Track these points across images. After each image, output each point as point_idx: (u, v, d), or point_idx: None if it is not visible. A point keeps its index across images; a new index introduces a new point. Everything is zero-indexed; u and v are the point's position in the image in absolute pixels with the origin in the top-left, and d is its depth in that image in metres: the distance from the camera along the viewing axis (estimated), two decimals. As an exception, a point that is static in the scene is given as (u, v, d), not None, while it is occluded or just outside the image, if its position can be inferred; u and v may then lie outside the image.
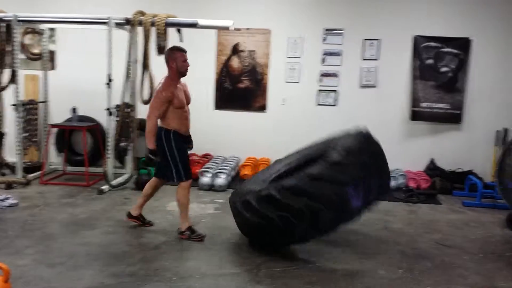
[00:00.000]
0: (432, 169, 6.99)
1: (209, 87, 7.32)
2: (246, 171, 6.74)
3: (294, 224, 3.69)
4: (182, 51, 4.32)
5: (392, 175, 6.58)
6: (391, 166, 6.94)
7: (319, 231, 3.77)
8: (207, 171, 6.29)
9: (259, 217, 3.83)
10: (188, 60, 4.34)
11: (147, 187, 4.59)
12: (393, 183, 6.44)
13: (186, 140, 4.38)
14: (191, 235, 4.32)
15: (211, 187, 6.22)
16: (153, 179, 4.58)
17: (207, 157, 7.24)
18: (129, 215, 4.66)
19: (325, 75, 7.11)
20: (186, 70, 4.34)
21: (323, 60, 7.09)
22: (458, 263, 4.07)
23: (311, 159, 4.25)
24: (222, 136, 7.34)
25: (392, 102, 7.11)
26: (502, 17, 6.78)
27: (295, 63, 7.13)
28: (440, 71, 6.96)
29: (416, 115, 7.04)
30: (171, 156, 4.23)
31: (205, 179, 6.23)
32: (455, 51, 6.89)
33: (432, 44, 6.91)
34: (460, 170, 6.87)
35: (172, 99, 4.18)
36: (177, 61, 4.26)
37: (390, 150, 6.99)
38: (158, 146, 4.23)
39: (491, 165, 6.61)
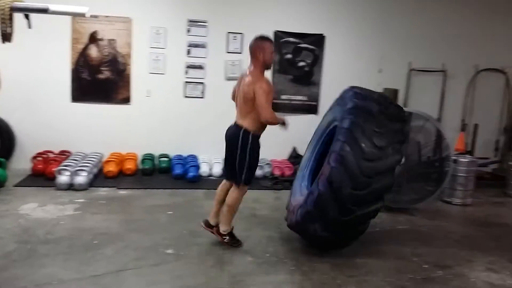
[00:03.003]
0: (295, 157, 7.39)
1: (64, 77, 6.74)
2: (111, 168, 6.38)
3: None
4: (270, 41, 3.89)
5: (259, 164, 6.81)
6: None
7: None
8: (65, 169, 5.80)
9: None
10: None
11: (220, 192, 4.16)
12: (260, 172, 6.68)
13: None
14: (231, 241, 3.99)
15: (71, 187, 5.75)
16: (225, 182, 4.16)
17: (65, 154, 6.69)
18: (207, 224, 4.19)
19: (191, 67, 7.04)
20: (271, 64, 3.93)
21: (189, 52, 7.02)
22: (318, 243, 4.36)
23: None
24: (81, 130, 6.84)
25: (256, 94, 7.32)
26: (352, 14, 7.41)
27: (159, 53, 6.93)
28: (297, 66, 7.38)
29: (276, 107, 7.33)
30: (244, 159, 3.88)
31: (63, 178, 5.73)
32: (311, 46, 7.35)
33: (291, 39, 7.28)
34: (318, 157, 7.37)
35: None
36: (265, 53, 3.82)
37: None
38: (233, 144, 3.89)
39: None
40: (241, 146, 3.87)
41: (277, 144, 7.40)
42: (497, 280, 3.71)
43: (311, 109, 7.48)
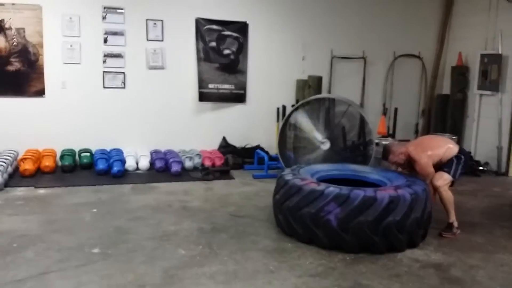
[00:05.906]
0: (225, 146, 7.31)
1: (-32, 70, 6.16)
2: (27, 166, 5.93)
3: None
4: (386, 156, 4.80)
5: (188, 155, 6.68)
6: (187, 147, 7.11)
7: None
8: (-26, 170, 5.30)
9: None
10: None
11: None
12: (190, 163, 6.55)
13: None
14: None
15: (-18, 188, 5.28)
16: None
17: (-27, 153, 6.12)
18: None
19: (109, 55, 6.69)
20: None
21: (106, 40, 6.66)
22: (250, 231, 4.33)
23: None
24: (-8, 127, 6.29)
25: (182, 84, 7.14)
26: (274, 1, 7.40)
27: (74, 42, 6.51)
28: (223, 54, 7.27)
29: (204, 96, 7.23)
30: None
31: (-28, 179, 5.24)
32: (235, 34, 7.27)
33: (214, 27, 7.14)
34: (249, 146, 7.36)
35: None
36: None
37: (184, 131, 7.17)
38: None
39: (274, 139, 7.23)
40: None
41: (206, 134, 7.32)
42: (421, 256, 3.90)
43: (239, 97, 7.42)
